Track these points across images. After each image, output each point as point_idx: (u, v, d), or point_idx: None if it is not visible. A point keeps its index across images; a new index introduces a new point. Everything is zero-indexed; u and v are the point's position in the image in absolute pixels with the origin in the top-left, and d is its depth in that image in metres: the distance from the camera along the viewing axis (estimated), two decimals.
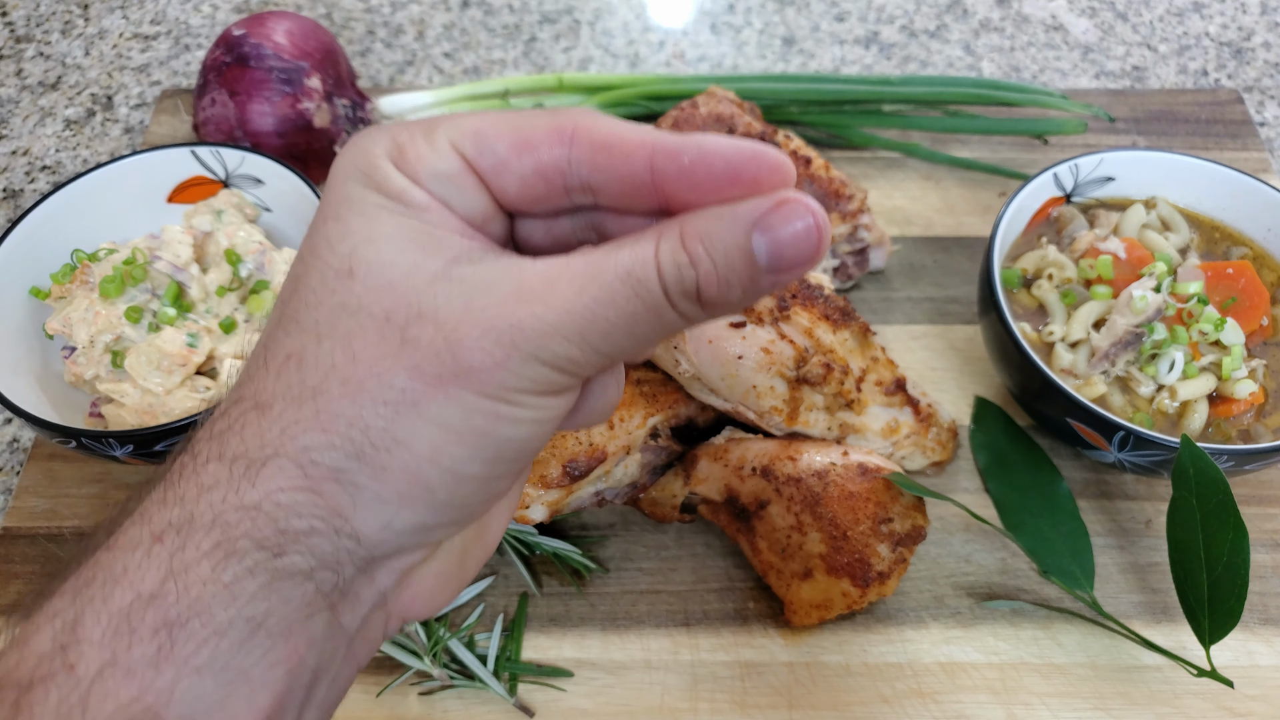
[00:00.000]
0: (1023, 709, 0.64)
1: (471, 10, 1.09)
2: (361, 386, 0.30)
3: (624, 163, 0.31)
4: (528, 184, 0.32)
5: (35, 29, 1.08)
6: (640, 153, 0.31)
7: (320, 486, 0.30)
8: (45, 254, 0.74)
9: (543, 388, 0.31)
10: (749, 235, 0.30)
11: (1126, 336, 0.69)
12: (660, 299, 0.30)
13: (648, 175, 0.31)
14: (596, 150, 0.31)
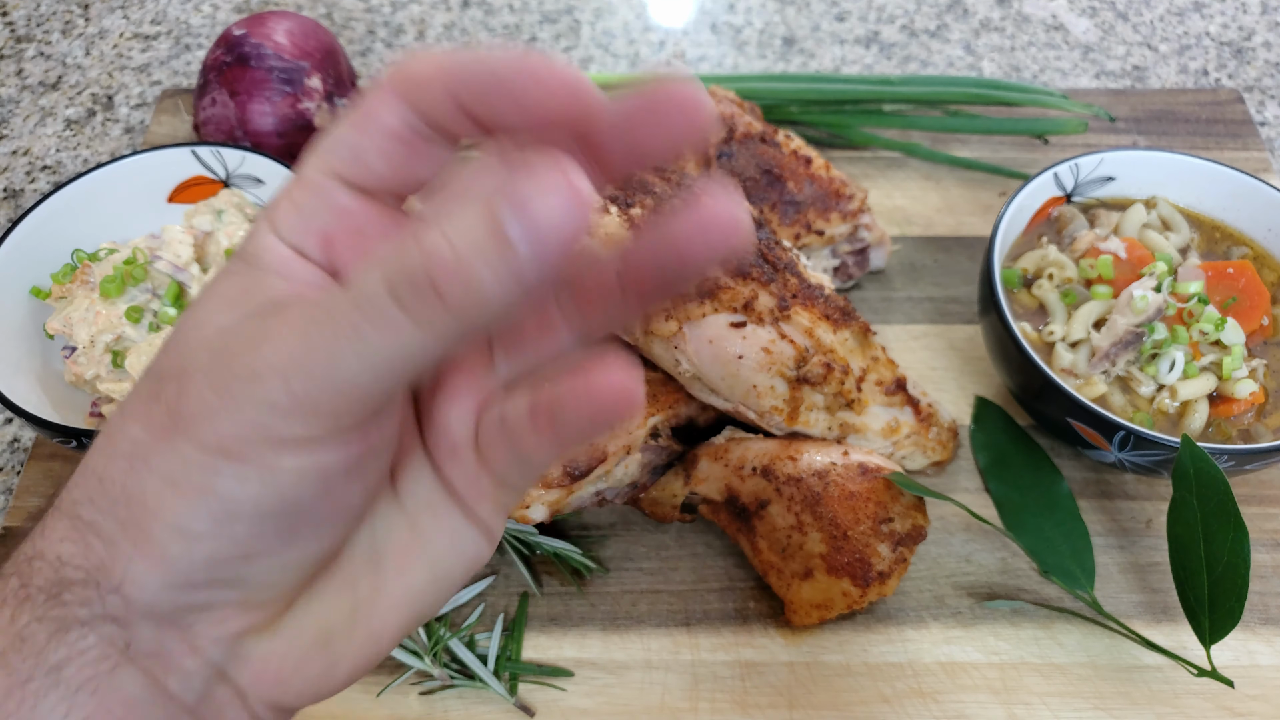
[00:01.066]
0: (1023, 709, 0.64)
1: (472, 10, 1.10)
2: (109, 440, 0.30)
3: (425, 94, 0.29)
4: (388, 155, 0.30)
5: (36, 29, 1.08)
6: (439, 79, 0.28)
7: (85, 538, 0.29)
8: (46, 254, 0.74)
9: (271, 440, 0.27)
10: (497, 211, 0.24)
11: (1127, 336, 0.69)
12: (386, 305, 0.25)
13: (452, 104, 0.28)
14: (409, 88, 0.29)
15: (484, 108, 0.28)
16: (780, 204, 0.77)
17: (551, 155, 0.24)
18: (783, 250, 0.67)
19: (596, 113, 0.28)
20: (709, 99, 0.27)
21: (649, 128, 0.27)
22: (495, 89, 0.27)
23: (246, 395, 0.27)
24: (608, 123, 0.28)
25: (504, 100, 0.28)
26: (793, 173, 0.77)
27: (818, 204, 0.77)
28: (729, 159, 0.77)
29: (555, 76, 0.27)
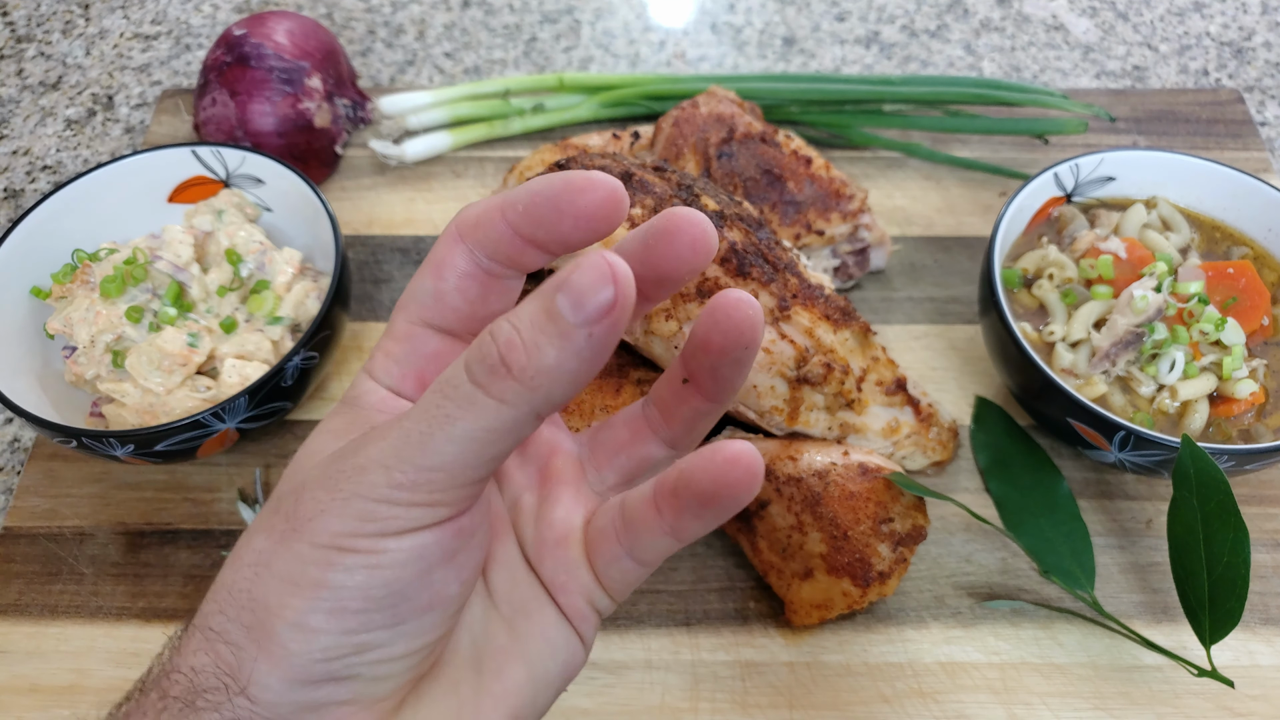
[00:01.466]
0: (1023, 709, 0.64)
1: (472, 10, 1.10)
2: (237, 554, 0.33)
3: (491, 230, 0.34)
4: (465, 293, 0.35)
5: (36, 29, 1.08)
6: (495, 216, 0.33)
7: (215, 647, 0.32)
8: (46, 254, 0.74)
9: (376, 528, 0.30)
10: (552, 297, 0.28)
11: (1127, 336, 0.69)
12: (468, 388, 0.29)
13: (509, 231, 0.33)
14: (470, 230, 0.34)
15: (540, 231, 0.32)
16: (780, 204, 0.77)
17: (596, 251, 0.29)
18: (783, 250, 0.67)
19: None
20: (713, 230, 0.33)
21: (663, 249, 0.33)
22: (546, 213, 0.32)
23: (353, 489, 0.30)
24: (630, 243, 0.34)
25: (555, 220, 0.32)
26: (793, 173, 0.77)
27: (818, 204, 0.77)
28: (729, 159, 0.77)
29: (594, 186, 0.31)
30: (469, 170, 0.93)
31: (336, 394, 0.78)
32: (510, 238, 0.33)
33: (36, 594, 0.69)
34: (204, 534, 0.72)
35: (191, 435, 0.65)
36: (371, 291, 0.85)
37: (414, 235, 0.88)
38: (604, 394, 0.66)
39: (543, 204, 0.32)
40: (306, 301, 0.74)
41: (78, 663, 0.66)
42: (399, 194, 0.91)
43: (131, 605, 0.68)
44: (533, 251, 0.34)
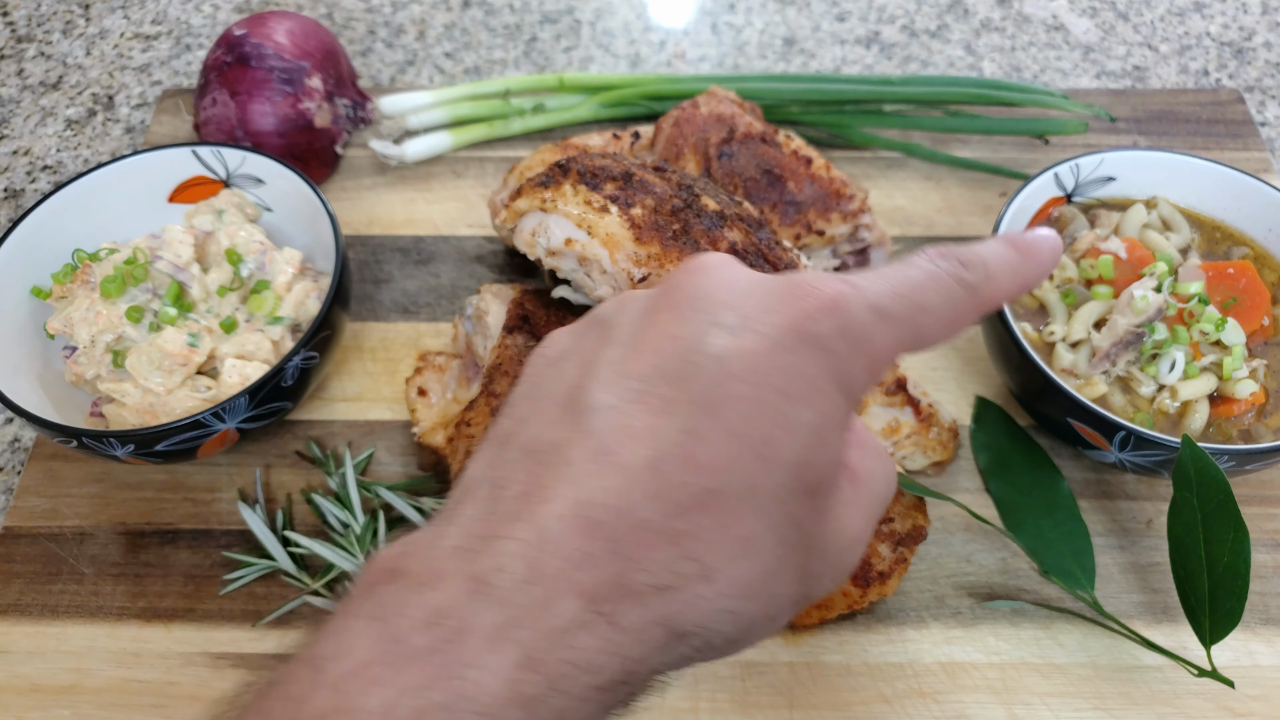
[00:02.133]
0: (1023, 709, 0.64)
1: (472, 10, 1.10)
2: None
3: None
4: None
5: (36, 29, 1.08)
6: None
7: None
8: (46, 254, 0.74)
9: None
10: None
11: (1127, 336, 0.69)
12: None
13: None
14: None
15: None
16: (781, 204, 0.77)
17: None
18: (783, 250, 0.67)
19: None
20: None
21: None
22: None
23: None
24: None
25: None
26: (793, 173, 0.77)
27: (818, 204, 0.77)
28: (729, 159, 0.77)
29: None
30: (469, 170, 0.93)
31: (337, 394, 0.79)
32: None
33: (37, 594, 0.69)
34: (204, 534, 0.72)
35: (192, 435, 0.65)
36: (372, 291, 0.85)
37: (414, 235, 0.88)
38: None
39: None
40: (307, 301, 0.74)
41: (78, 663, 0.66)
42: (399, 194, 0.91)
43: (132, 605, 0.68)
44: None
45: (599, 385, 0.34)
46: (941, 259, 0.37)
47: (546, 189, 0.65)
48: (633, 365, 0.34)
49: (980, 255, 0.38)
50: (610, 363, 0.35)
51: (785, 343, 0.33)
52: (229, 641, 0.67)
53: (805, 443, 0.33)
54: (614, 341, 0.36)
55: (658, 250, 0.63)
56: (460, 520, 0.33)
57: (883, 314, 0.35)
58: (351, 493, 0.70)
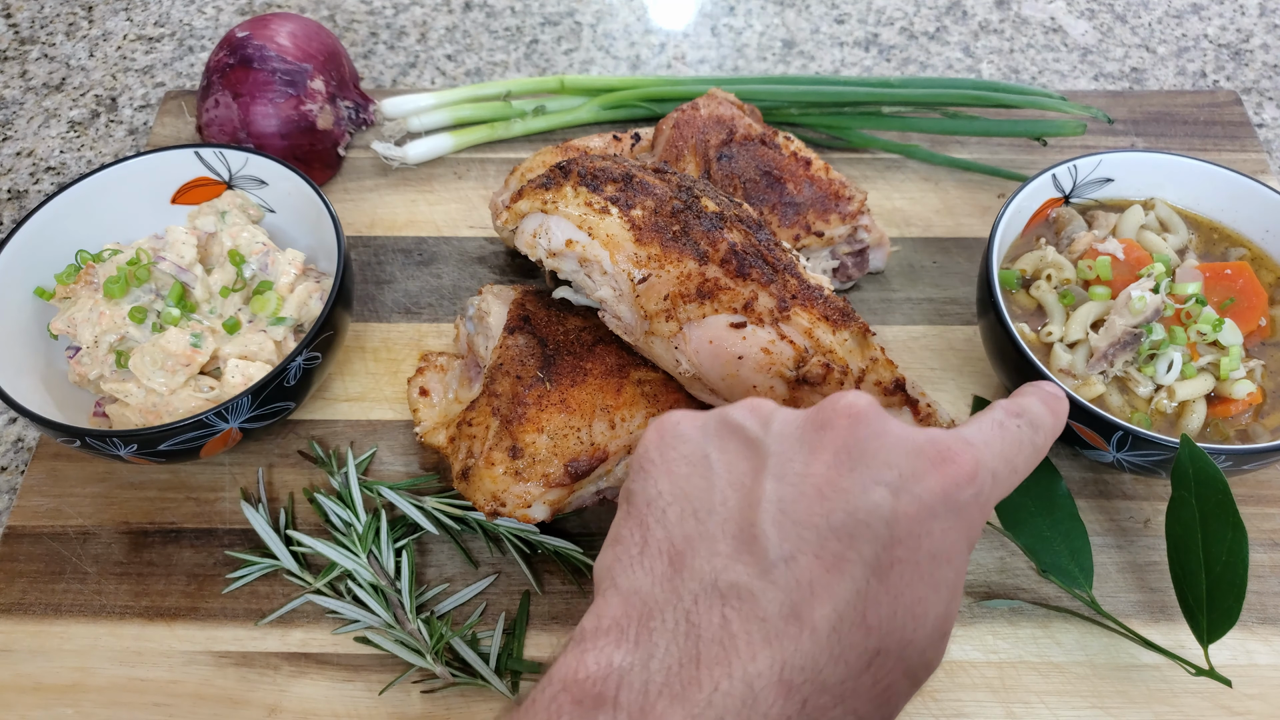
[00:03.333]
0: (1021, 707, 0.64)
1: (474, 13, 1.10)
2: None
3: None
4: None
5: (40, 30, 1.09)
6: None
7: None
8: (50, 255, 0.75)
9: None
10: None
11: (1125, 337, 0.69)
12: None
13: None
14: None
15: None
16: (780, 205, 0.77)
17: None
18: (782, 251, 0.68)
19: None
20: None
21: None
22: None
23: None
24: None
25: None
26: (792, 174, 0.78)
27: (817, 205, 0.78)
28: (729, 161, 0.77)
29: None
30: (471, 172, 0.93)
31: (339, 394, 0.79)
32: None
33: (40, 593, 0.69)
34: (207, 533, 0.72)
35: (195, 435, 0.66)
36: (374, 292, 0.85)
37: (416, 236, 0.89)
38: (605, 394, 0.67)
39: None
40: (309, 302, 0.74)
41: (81, 661, 0.66)
42: (401, 195, 0.91)
43: (135, 604, 0.69)
44: None
45: (773, 527, 0.38)
46: (1017, 421, 0.43)
47: (547, 190, 0.65)
48: (803, 511, 0.38)
49: (1038, 415, 0.45)
50: (778, 501, 0.38)
51: (937, 509, 0.38)
52: (232, 640, 0.67)
53: (947, 598, 0.38)
54: (773, 473, 0.40)
55: (658, 251, 0.63)
56: (659, 655, 0.36)
57: (998, 479, 0.40)
58: (354, 492, 0.70)
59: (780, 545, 0.37)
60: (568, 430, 0.65)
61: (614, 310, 0.64)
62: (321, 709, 0.64)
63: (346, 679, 0.65)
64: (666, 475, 0.42)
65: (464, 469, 0.66)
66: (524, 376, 0.66)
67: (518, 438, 0.64)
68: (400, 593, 0.67)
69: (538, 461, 0.64)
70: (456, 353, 0.76)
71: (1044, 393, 0.46)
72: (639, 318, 0.64)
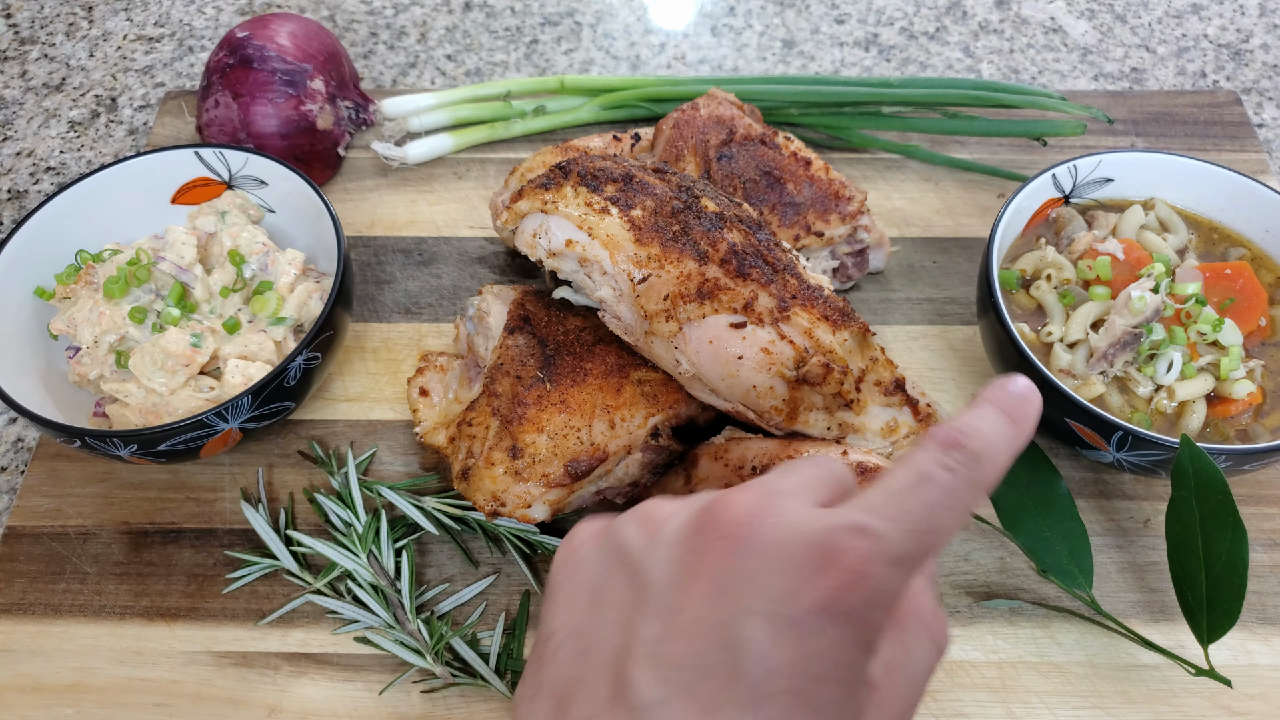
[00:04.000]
0: (1021, 707, 0.64)
1: (474, 13, 1.10)
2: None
3: None
4: None
5: (40, 30, 1.09)
6: None
7: None
8: (49, 255, 0.75)
9: None
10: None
11: (1125, 337, 0.69)
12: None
13: None
14: None
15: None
16: (780, 206, 0.77)
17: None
18: (782, 251, 0.68)
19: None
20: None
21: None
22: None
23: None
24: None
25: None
26: (792, 174, 0.78)
27: (817, 206, 0.78)
28: (729, 161, 0.77)
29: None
30: (471, 172, 0.93)
31: (339, 394, 0.79)
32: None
33: (40, 593, 0.69)
34: (207, 533, 0.72)
35: (195, 435, 0.66)
36: (374, 292, 0.85)
37: (416, 236, 0.89)
38: (605, 394, 0.67)
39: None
40: (309, 302, 0.74)
41: (81, 661, 0.66)
42: (401, 195, 0.91)
43: (135, 604, 0.69)
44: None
45: (647, 671, 0.36)
46: (952, 458, 0.37)
47: (547, 191, 0.65)
48: (676, 652, 0.36)
49: (985, 439, 0.38)
50: (654, 642, 0.36)
51: (817, 627, 0.35)
52: (231, 640, 0.67)
53: (834, 715, 0.35)
54: (650, 608, 0.37)
55: (658, 251, 0.63)
56: None
57: (904, 562, 0.36)
58: (354, 492, 0.70)
59: (653, 691, 0.35)
60: (568, 430, 0.65)
61: (614, 310, 0.64)
62: (321, 709, 0.64)
63: (346, 679, 0.65)
64: (564, 609, 0.40)
65: (464, 469, 0.66)
66: (524, 376, 0.66)
67: (518, 438, 0.64)
68: (400, 593, 0.67)
69: (538, 462, 0.64)
70: (456, 353, 0.76)
71: (1005, 397, 0.39)
72: (639, 318, 0.64)
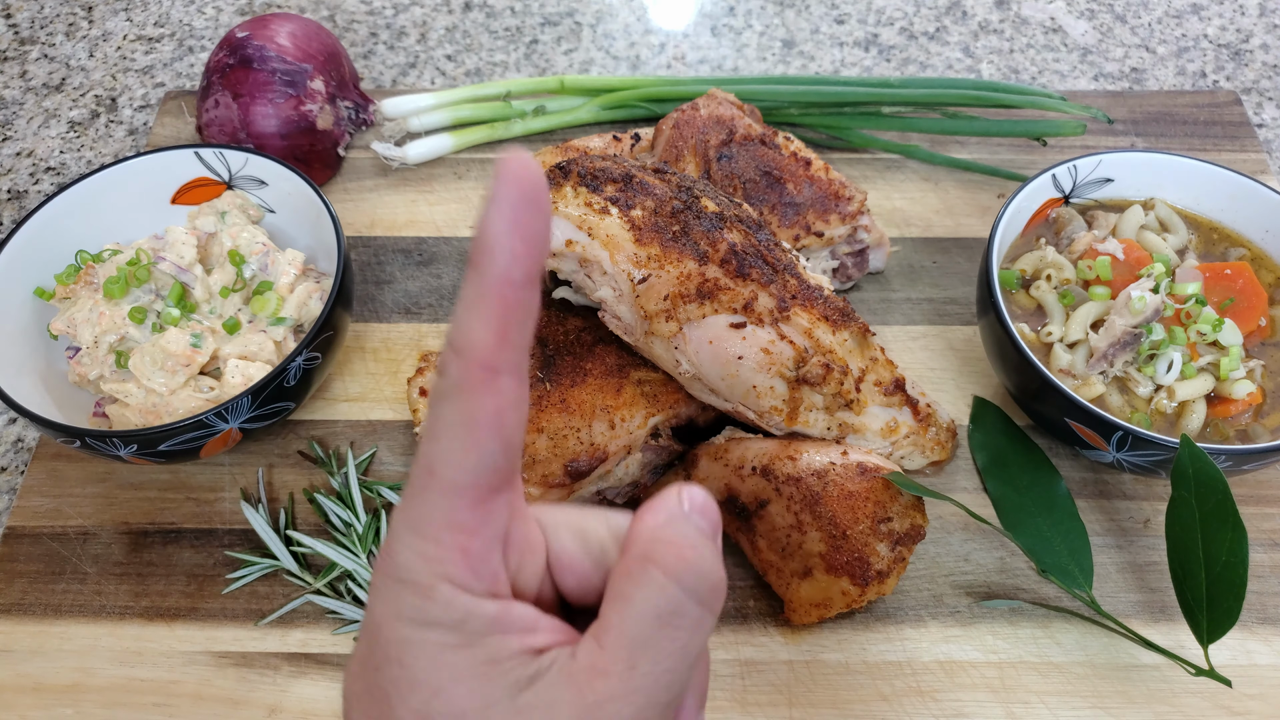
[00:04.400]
0: (1021, 707, 0.64)
1: (473, 13, 1.10)
2: None
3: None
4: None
5: (40, 31, 1.09)
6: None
7: None
8: (49, 255, 0.75)
9: None
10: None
11: (1125, 337, 0.69)
12: (693, 608, 0.31)
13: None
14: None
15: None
16: (780, 206, 0.77)
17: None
18: (782, 252, 0.68)
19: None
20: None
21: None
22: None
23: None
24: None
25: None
26: (792, 175, 0.78)
27: (817, 206, 0.78)
28: (729, 161, 0.77)
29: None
30: (470, 172, 0.93)
31: (339, 394, 0.79)
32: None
33: (40, 593, 0.69)
34: (207, 533, 0.72)
35: (195, 435, 0.66)
36: (374, 292, 0.85)
37: (416, 236, 0.89)
38: (604, 394, 0.67)
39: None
40: (309, 302, 0.74)
41: (81, 661, 0.66)
42: (401, 195, 0.91)
43: (135, 604, 0.69)
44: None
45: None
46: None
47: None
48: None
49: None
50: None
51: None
52: (231, 640, 0.67)
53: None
54: None
55: (658, 251, 0.63)
56: None
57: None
58: (354, 492, 0.70)
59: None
60: (567, 430, 0.65)
61: (614, 310, 0.64)
62: (322, 709, 0.64)
63: None
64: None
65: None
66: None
67: None
68: None
69: (537, 462, 0.64)
70: None
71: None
72: (639, 318, 0.64)
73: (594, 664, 0.31)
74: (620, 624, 0.31)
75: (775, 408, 0.65)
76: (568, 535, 0.35)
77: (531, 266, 0.29)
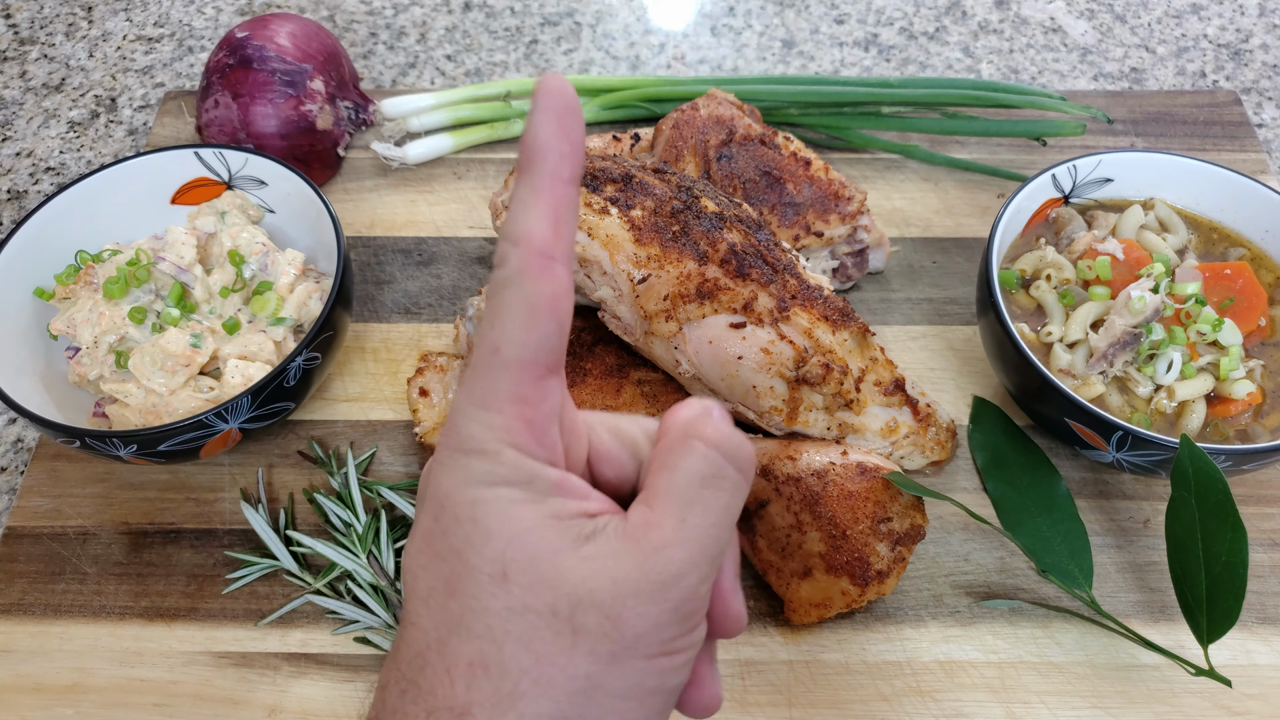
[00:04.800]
0: (1021, 707, 0.64)
1: (473, 13, 1.10)
2: (553, 683, 0.33)
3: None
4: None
5: (39, 31, 1.09)
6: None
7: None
8: (49, 255, 0.75)
9: (690, 623, 0.35)
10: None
11: (1124, 337, 0.69)
12: (732, 471, 0.35)
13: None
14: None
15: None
16: (780, 206, 0.77)
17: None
18: (782, 252, 0.68)
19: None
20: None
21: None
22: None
23: (677, 595, 0.34)
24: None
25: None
26: (792, 175, 0.78)
27: (817, 206, 0.78)
28: (728, 161, 0.77)
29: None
30: (470, 172, 0.93)
31: (339, 394, 0.79)
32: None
33: (40, 593, 0.69)
34: (207, 533, 0.72)
35: (194, 435, 0.66)
36: (374, 292, 0.85)
37: (416, 236, 0.89)
38: (605, 394, 0.67)
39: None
40: (309, 302, 0.74)
41: (81, 662, 0.66)
42: (401, 195, 0.91)
43: (134, 605, 0.69)
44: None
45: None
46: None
47: None
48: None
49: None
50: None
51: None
52: (231, 640, 0.67)
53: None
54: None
55: (657, 251, 0.63)
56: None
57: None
58: (354, 492, 0.70)
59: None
60: None
61: (614, 310, 0.64)
62: (321, 709, 0.64)
63: (346, 679, 0.65)
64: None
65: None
66: None
67: None
68: (400, 593, 0.66)
69: None
70: (456, 353, 0.76)
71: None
72: (639, 318, 0.64)
73: (647, 520, 0.34)
74: (669, 487, 0.35)
75: (775, 408, 0.65)
76: (604, 431, 0.39)
77: (576, 166, 0.34)
